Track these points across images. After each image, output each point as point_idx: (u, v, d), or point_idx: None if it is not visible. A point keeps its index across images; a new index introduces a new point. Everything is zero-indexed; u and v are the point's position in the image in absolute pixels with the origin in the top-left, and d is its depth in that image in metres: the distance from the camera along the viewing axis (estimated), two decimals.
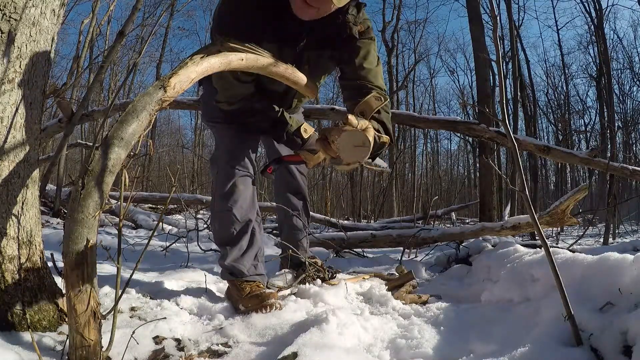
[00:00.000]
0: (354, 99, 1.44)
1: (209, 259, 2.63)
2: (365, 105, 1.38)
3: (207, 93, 1.59)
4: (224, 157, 1.55)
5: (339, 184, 14.14)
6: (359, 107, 1.38)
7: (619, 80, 15.24)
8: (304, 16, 1.31)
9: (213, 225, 1.62)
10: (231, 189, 1.51)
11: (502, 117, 1.07)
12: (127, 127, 0.90)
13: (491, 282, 1.76)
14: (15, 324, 1.02)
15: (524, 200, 1.03)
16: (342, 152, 1.23)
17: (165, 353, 1.07)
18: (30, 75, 1.09)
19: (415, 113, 4.02)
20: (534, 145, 3.51)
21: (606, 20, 12.43)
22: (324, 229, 5.16)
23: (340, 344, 1.06)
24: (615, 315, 0.96)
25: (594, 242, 5.24)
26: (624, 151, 13.84)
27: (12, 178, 1.05)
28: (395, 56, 14.15)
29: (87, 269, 0.85)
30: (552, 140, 16.37)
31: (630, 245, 2.78)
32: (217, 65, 1.10)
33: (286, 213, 1.88)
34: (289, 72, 1.33)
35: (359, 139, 1.21)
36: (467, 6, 5.07)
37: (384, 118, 1.42)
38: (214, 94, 1.50)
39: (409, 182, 15.30)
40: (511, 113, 8.49)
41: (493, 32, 1.11)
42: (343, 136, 1.21)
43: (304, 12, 1.29)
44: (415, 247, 3.05)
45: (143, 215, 4.81)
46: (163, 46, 14.14)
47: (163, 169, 16.11)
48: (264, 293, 1.40)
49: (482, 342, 1.13)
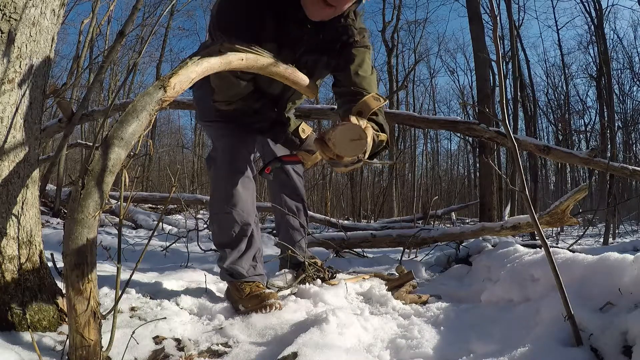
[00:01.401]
0: (348, 104, 1.41)
1: (209, 259, 2.63)
2: (363, 104, 1.35)
3: (203, 93, 1.56)
4: (222, 158, 1.53)
5: (339, 184, 14.14)
6: (357, 106, 1.35)
7: (619, 80, 15.24)
8: (318, 16, 1.30)
9: (212, 227, 1.62)
10: (230, 191, 1.50)
11: (502, 117, 1.07)
12: (127, 127, 0.90)
13: (491, 282, 1.76)
14: (15, 324, 1.02)
15: (524, 200, 1.03)
16: (338, 147, 1.18)
17: (165, 353, 1.07)
18: (30, 75, 1.09)
19: (415, 113, 4.02)
20: (534, 145, 3.51)
21: (606, 20, 12.42)
22: (324, 229, 5.16)
23: (340, 344, 1.06)
24: (615, 315, 0.96)
25: (594, 242, 5.25)
26: (624, 151, 13.84)
27: (12, 178, 1.05)
28: (395, 56, 14.15)
29: (87, 269, 0.85)
30: (552, 140, 16.37)
31: (630, 245, 2.79)
32: (217, 65, 1.10)
33: (283, 214, 1.87)
34: (289, 72, 1.33)
35: (355, 132, 1.17)
36: (467, 6, 5.08)
37: (381, 121, 1.41)
38: (210, 93, 1.47)
39: (409, 182, 15.30)
40: (511, 113, 8.48)
41: (493, 32, 1.11)
42: (339, 130, 1.17)
43: (319, 12, 1.29)
44: (415, 247, 3.05)
45: (143, 215, 4.81)
46: (163, 46, 14.17)
47: (163, 169, 16.10)
48: (263, 293, 1.40)
49: (482, 342, 1.13)
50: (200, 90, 1.58)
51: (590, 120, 16.20)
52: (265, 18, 1.31)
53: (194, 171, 15.96)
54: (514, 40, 8.14)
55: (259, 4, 1.30)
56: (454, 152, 22.41)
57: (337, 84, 1.51)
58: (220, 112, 1.50)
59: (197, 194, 8.32)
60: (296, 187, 1.87)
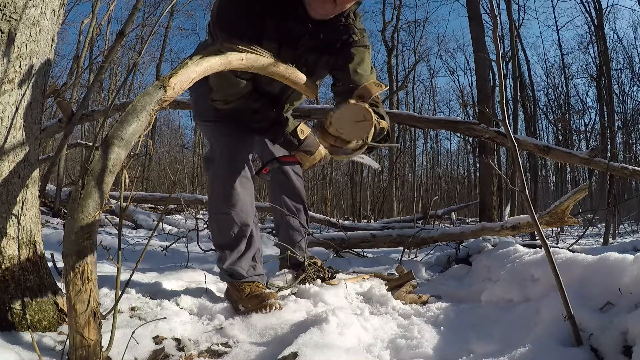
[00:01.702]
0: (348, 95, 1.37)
1: (209, 259, 2.63)
2: (364, 89, 1.32)
3: (201, 93, 1.54)
4: (220, 158, 1.52)
5: (339, 184, 14.14)
6: (358, 91, 1.32)
7: (619, 80, 15.25)
8: (320, 13, 1.30)
9: (211, 227, 1.61)
10: (229, 191, 1.49)
11: (502, 117, 1.07)
12: (127, 127, 0.90)
13: (491, 282, 1.75)
14: (15, 324, 1.02)
15: (524, 200, 1.03)
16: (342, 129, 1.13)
17: (165, 353, 1.07)
18: (30, 75, 1.09)
19: (415, 113, 4.02)
20: (534, 145, 3.51)
21: (606, 20, 12.43)
22: (324, 229, 5.16)
23: (340, 344, 1.06)
24: (615, 315, 0.96)
25: (594, 242, 5.24)
26: (624, 151, 13.84)
27: (12, 178, 1.05)
28: (395, 56, 14.18)
29: (87, 269, 0.85)
30: (552, 140, 16.38)
31: (630, 245, 2.78)
32: (217, 65, 1.10)
33: (282, 214, 1.86)
34: (289, 71, 1.33)
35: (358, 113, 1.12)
36: (467, 6, 5.08)
37: (382, 112, 1.40)
38: (208, 92, 1.46)
39: (409, 182, 15.31)
40: (511, 113, 8.49)
41: (493, 32, 1.11)
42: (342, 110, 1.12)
43: (322, 9, 1.28)
44: (415, 247, 3.05)
45: (143, 215, 4.81)
46: (163, 46, 14.17)
47: (163, 169, 16.11)
48: (263, 293, 1.40)
49: (482, 342, 1.13)
50: (198, 90, 1.55)
51: (590, 120, 16.22)
52: (266, 17, 1.31)
53: (194, 171, 15.95)
54: (514, 40, 8.14)
55: (260, 3, 1.29)
56: (454, 152, 22.45)
57: (337, 83, 1.50)
58: (218, 112, 1.49)
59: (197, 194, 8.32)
60: (295, 188, 1.86)
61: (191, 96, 1.68)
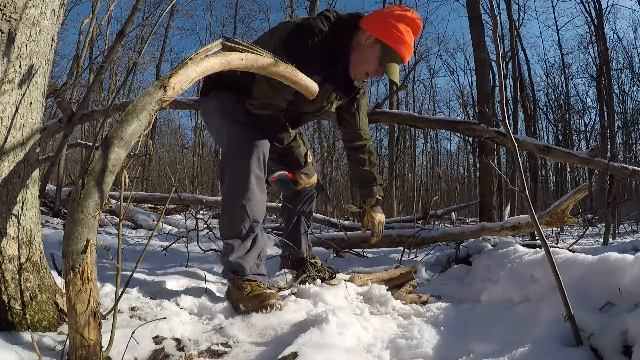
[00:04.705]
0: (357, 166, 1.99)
1: (209, 259, 2.63)
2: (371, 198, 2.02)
3: (234, 94, 1.64)
4: (245, 155, 1.55)
5: (339, 184, 14.14)
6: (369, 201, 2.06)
7: (619, 80, 15.27)
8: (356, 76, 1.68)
9: (222, 220, 1.61)
10: (249, 186, 1.53)
11: (502, 117, 1.07)
12: (127, 127, 0.90)
13: (491, 282, 1.76)
14: (15, 324, 1.02)
15: (524, 200, 1.03)
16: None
17: (165, 353, 1.07)
18: (30, 75, 1.09)
19: (415, 113, 4.01)
20: (534, 145, 3.51)
21: (606, 20, 12.45)
22: (324, 229, 5.16)
23: (340, 344, 1.06)
24: (615, 315, 0.96)
25: (594, 242, 5.24)
26: (624, 151, 13.85)
27: (12, 178, 1.05)
28: None
29: (87, 269, 0.85)
30: (552, 140, 16.39)
31: (630, 245, 2.78)
32: (217, 65, 1.10)
33: (290, 215, 1.97)
34: (289, 71, 1.34)
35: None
36: (467, 6, 5.08)
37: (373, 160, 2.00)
38: (242, 97, 1.61)
39: (409, 182, 15.32)
40: (511, 113, 8.50)
41: (493, 32, 1.11)
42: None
43: (359, 76, 1.68)
44: (415, 247, 3.05)
45: (143, 215, 4.80)
46: (163, 46, 14.20)
47: (163, 169, 16.12)
48: (264, 293, 1.40)
49: (482, 342, 1.13)
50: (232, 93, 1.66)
51: (590, 120, 16.23)
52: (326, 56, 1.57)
53: (194, 171, 15.97)
54: (514, 40, 8.15)
55: (323, 45, 1.54)
56: (454, 152, 22.48)
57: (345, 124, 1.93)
58: (250, 117, 1.61)
59: (197, 194, 8.31)
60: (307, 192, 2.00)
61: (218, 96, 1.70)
